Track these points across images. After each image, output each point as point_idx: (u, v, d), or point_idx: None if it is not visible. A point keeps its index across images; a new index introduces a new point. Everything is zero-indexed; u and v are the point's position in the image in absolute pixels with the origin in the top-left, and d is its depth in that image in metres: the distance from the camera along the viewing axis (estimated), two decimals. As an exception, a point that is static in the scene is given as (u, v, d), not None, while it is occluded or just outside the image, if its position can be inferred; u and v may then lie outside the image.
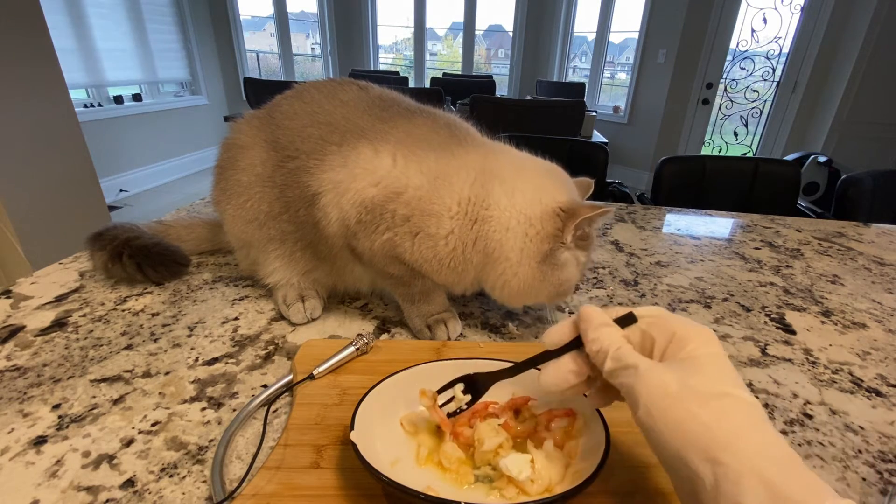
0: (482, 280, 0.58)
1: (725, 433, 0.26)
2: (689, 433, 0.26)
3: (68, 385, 0.50)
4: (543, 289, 0.56)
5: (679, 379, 0.28)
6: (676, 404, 0.27)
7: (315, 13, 5.36)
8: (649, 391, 0.28)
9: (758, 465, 0.24)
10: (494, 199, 0.55)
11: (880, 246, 1.03)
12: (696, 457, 0.25)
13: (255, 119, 0.65)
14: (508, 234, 0.55)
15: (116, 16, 3.76)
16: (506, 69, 5.62)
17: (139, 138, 4.00)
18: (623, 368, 0.30)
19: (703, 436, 0.26)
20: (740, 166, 1.62)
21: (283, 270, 0.64)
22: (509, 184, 0.56)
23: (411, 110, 0.60)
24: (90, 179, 2.16)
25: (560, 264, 0.55)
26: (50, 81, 1.94)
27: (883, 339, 0.67)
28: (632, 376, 0.29)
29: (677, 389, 0.28)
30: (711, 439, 0.26)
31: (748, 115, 4.23)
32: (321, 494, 0.37)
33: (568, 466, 0.38)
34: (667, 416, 0.27)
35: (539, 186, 0.56)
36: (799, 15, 3.75)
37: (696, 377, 0.28)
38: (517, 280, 0.56)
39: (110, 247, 0.69)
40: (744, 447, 0.25)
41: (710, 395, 0.27)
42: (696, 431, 0.26)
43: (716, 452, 0.25)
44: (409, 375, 0.46)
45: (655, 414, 0.27)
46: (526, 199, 0.55)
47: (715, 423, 0.26)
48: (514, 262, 0.55)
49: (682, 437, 0.26)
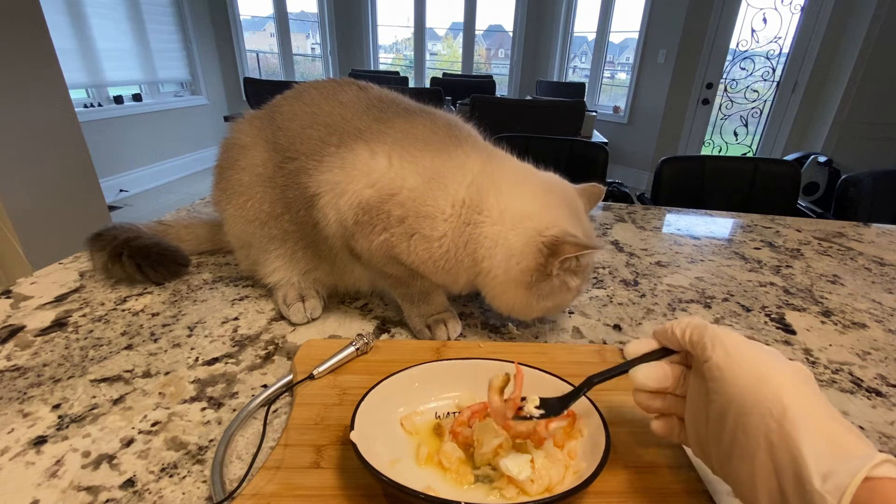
0: (477, 284, 0.58)
1: (792, 380, 0.29)
2: (762, 372, 0.30)
3: (68, 385, 0.50)
4: (532, 311, 0.57)
5: (745, 338, 0.33)
6: (749, 346, 0.32)
7: (315, 13, 5.36)
8: (730, 338, 0.33)
9: (819, 415, 0.27)
10: (488, 207, 0.54)
11: (880, 246, 1.03)
12: (767, 393, 0.29)
13: (256, 119, 0.65)
14: (496, 250, 0.54)
15: (116, 16, 3.76)
16: (506, 69, 5.63)
17: (139, 138, 4.00)
18: (702, 323, 0.35)
19: (774, 377, 0.29)
20: (740, 166, 1.61)
21: (284, 270, 0.64)
22: (505, 197, 0.55)
23: (410, 110, 0.60)
24: (90, 179, 2.16)
25: (545, 294, 0.55)
26: (50, 81, 1.94)
27: (883, 339, 0.67)
28: (712, 327, 0.34)
29: (747, 340, 0.33)
30: (781, 382, 0.29)
31: (748, 115, 4.23)
32: (321, 494, 0.37)
33: (568, 466, 0.38)
34: (742, 354, 0.31)
35: (531, 211, 0.54)
36: (799, 15, 3.75)
37: (757, 343, 0.33)
38: (505, 298, 0.56)
39: (110, 247, 0.69)
40: (808, 394, 0.29)
41: (773, 351, 0.32)
42: (767, 372, 0.30)
43: (785, 392, 0.28)
44: (409, 375, 0.46)
45: (732, 352, 0.31)
46: (515, 222, 0.54)
47: (783, 370, 0.30)
48: (501, 280, 0.55)
49: (756, 373, 0.30)
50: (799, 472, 0.26)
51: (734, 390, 0.30)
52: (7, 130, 1.79)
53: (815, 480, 0.25)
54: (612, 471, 0.39)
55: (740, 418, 0.29)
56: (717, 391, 0.31)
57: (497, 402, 0.38)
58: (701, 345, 0.33)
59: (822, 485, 0.24)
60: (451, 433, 0.41)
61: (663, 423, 0.38)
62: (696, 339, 0.34)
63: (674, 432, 0.38)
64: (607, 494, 0.38)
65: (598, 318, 0.69)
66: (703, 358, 0.33)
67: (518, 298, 0.55)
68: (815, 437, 0.26)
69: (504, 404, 0.38)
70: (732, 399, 0.30)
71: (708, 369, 0.32)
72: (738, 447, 0.30)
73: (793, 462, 0.26)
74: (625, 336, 0.64)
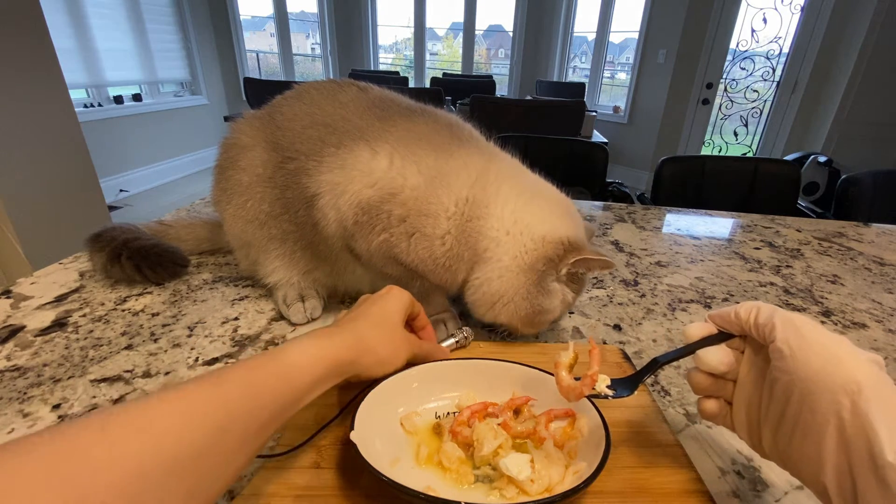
0: (469, 276, 0.57)
1: (864, 362, 0.29)
2: (833, 352, 0.30)
3: (68, 385, 0.50)
4: (522, 305, 0.54)
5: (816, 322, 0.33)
6: (821, 331, 0.32)
7: (315, 13, 5.36)
8: (800, 319, 0.33)
9: (893, 396, 0.28)
10: (501, 201, 0.55)
11: (880, 246, 1.03)
12: (840, 371, 0.29)
13: (256, 119, 0.65)
14: (508, 237, 0.54)
15: (116, 16, 3.76)
16: (506, 69, 5.63)
17: (139, 138, 4.00)
18: (772, 309, 0.34)
19: (846, 357, 0.29)
20: (740, 166, 1.62)
21: (284, 270, 0.64)
22: (526, 197, 0.56)
23: (412, 110, 0.60)
24: (90, 179, 2.16)
25: (546, 290, 0.54)
26: (50, 81, 1.93)
27: (883, 339, 0.67)
28: (783, 313, 0.34)
29: (819, 326, 0.32)
30: (854, 363, 0.29)
31: (748, 115, 4.23)
32: (321, 494, 0.37)
33: (568, 466, 0.38)
34: (812, 335, 0.31)
35: (554, 213, 0.56)
36: (799, 15, 3.75)
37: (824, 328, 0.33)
38: (501, 282, 0.55)
39: (109, 248, 0.69)
40: (880, 377, 0.29)
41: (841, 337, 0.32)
42: (839, 352, 0.30)
43: (859, 371, 0.28)
44: (408, 375, 0.46)
45: (805, 331, 0.31)
46: (535, 216, 0.55)
47: (854, 352, 0.30)
48: (505, 265, 0.54)
49: (828, 353, 0.30)
50: (872, 446, 0.26)
51: (804, 370, 0.30)
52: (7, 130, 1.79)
53: (889, 454, 0.25)
54: (612, 471, 0.39)
55: (808, 397, 0.30)
56: (784, 370, 0.31)
57: (567, 379, 0.39)
58: (770, 325, 0.33)
59: (895, 458, 0.25)
60: (451, 433, 0.41)
61: (714, 403, 0.38)
62: (762, 322, 0.34)
63: (721, 414, 0.38)
64: (607, 494, 0.38)
65: (598, 317, 0.69)
66: (770, 338, 0.33)
67: (512, 285, 0.54)
68: (889, 413, 0.27)
69: (577, 382, 0.39)
70: (801, 379, 0.30)
71: (776, 349, 0.32)
72: (802, 426, 0.30)
73: (866, 437, 0.27)
74: (625, 336, 0.64)
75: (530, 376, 0.46)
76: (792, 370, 0.31)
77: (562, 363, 0.40)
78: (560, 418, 0.42)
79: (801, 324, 0.32)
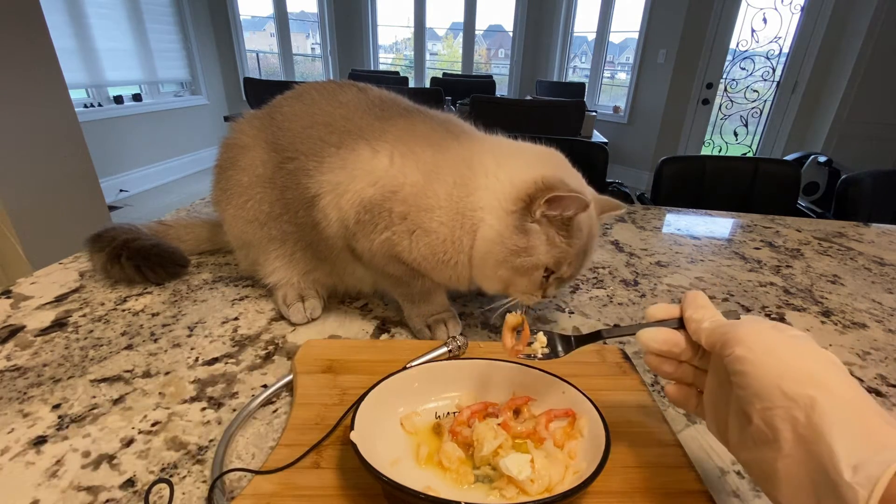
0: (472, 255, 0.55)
1: (822, 369, 0.28)
2: (788, 363, 0.29)
3: (68, 385, 0.50)
4: (502, 250, 0.52)
5: (773, 326, 0.32)
6: (775, 338, 0.30)
7: (315, 13, 5.36)
8: (749, 329, 0.31)
9: (849, 405, 0.26)
10: (483, 171, 0.54)
11: (880, 246, 1.03)
12: (793, 385, 0.27)
13: (256, 119, 0.65)
14: (487, 192, 0.53)
15: (116, 16, 3.76)
16: (506, 69, 5.62)
17: (139, 138, 4.00)
18: (721, 326, 0.33)
19: (801, 368, 0.28)
20: (740, 166, 1.61)
21: (284, 270, 0.64)
22: (499, 158, 0.55)
23: (410, 110, 0.61)
24: (90, 179, 2.16)
25: (524, 231, 0.51)
26: (50, 81, 1.94)
27: (883, 339, 0.67)
28: (731, 326, 0.33)
29: (773, 330, 0.31)
30: (809, 372, 0.28)
31: (748, 115, 4.23)
32: (321, 494, 0.37)
33: (568, 466, 0.38)
34: (767, 347, 0.30)
35: (532, 163, 0.55)
36: (799, 15, 3.75)
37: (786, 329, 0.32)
38: (488, 230, 0.52)
39: (108, 249, 0.69)
40: (839, 384, 0.27)
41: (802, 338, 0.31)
42: (794, 364, 0.29)
43: (813, 384, 0.27)
44: (408, 375, 0.46)
45: (756, 347, 0.30)
46: (513, 168, 0.54)
47: (811, 359, 0.29)
48: (489, 223, 0.52)
49: (782, 366, 0.29)
50: (828, 463, 0.25)
51: (757, 385, 0.29)
52: (7, 130, 1.79)
53: (846, 472, 0.24)
54: (612, 471, 0.39)
55: (765, 412, 0.28)
56: (739, 385, 0.30)
57: (510, 339, 0.44)
58: (720, 342, 0.32)
59: (852, 476, 0.24)
60: (451, 433, 0.41)
61: (677, 389, 0.38)
62: (714, 341, 0.33)
63: (689, 402, 0.37)
64: (607, 494, 0.38)
65: (598, 317, 0.69)
66: (723, 354, 0.32)
67: (495, 229, 0.52)
68: (845, 427, 0.25)
69: (516, 342, 0.43)
70: (756, 394, 0.29)
71: (729, 363, 0.31)
72: (761, 438, 0.29)
73: (822, 454, 0.25)
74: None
75: (530, 376, 0.46)
76: (747, 385, 0.29)
77: (508, 324, 0.44)
78: (560, 418, 0.42)
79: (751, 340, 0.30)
